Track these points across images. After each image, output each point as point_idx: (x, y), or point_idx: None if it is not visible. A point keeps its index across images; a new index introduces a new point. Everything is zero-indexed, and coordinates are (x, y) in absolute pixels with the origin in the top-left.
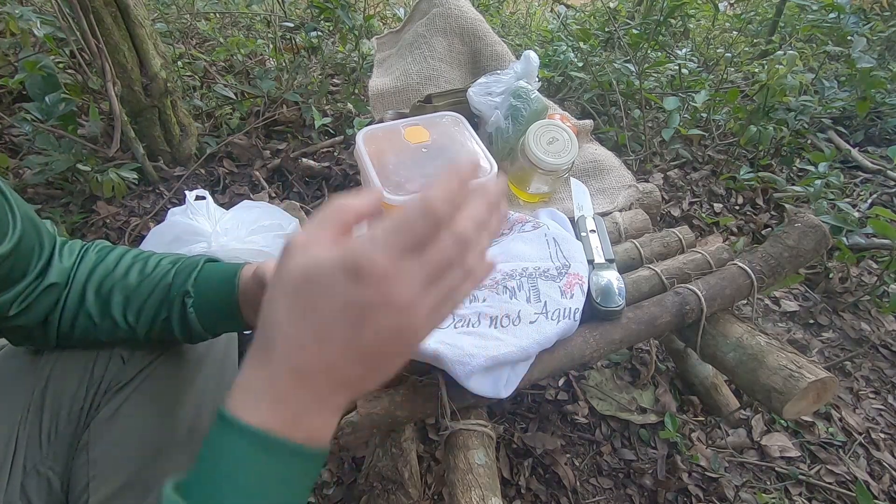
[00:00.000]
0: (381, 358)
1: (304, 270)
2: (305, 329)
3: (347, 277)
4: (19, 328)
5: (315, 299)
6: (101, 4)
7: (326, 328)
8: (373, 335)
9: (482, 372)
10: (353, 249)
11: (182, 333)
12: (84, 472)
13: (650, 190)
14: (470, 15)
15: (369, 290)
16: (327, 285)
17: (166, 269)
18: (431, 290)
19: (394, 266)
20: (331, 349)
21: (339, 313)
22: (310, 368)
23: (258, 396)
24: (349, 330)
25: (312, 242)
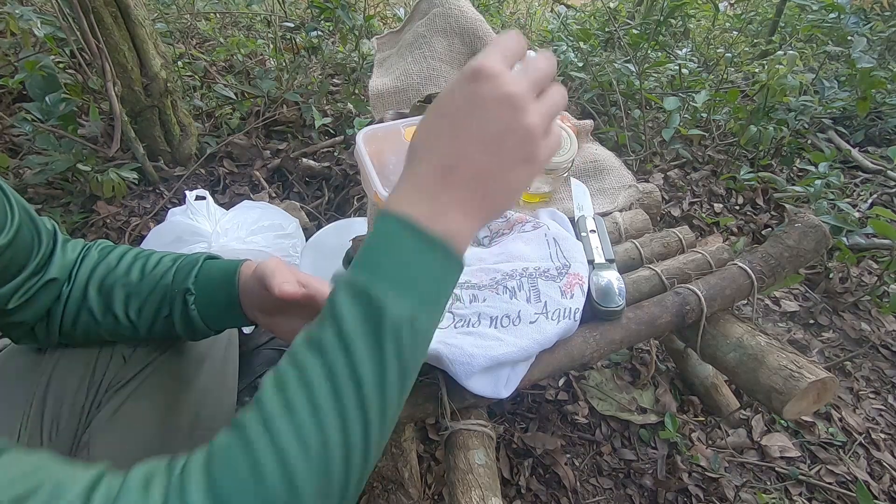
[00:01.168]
0: (506, 157)
1: (440, 94)
2: (442, 128)
3: (468, 79)
4: (21, 324)
5: (446, 104)
6: (102, 4)
7: (457, 123)
8: (496, 125)
9: (482, 372)
10: (469, 63)
11: (184, 330)
12: None
13: (650, 190)
14: (470, 15)
15: (487, 84)
16: (454, 91)
17: (167, 267)
18: (538, 97)
19: (502, 67)
20: (462, 142)
21: (465, 108)
22: (447, 161)
23: (408, 192)
24: (475, 120)
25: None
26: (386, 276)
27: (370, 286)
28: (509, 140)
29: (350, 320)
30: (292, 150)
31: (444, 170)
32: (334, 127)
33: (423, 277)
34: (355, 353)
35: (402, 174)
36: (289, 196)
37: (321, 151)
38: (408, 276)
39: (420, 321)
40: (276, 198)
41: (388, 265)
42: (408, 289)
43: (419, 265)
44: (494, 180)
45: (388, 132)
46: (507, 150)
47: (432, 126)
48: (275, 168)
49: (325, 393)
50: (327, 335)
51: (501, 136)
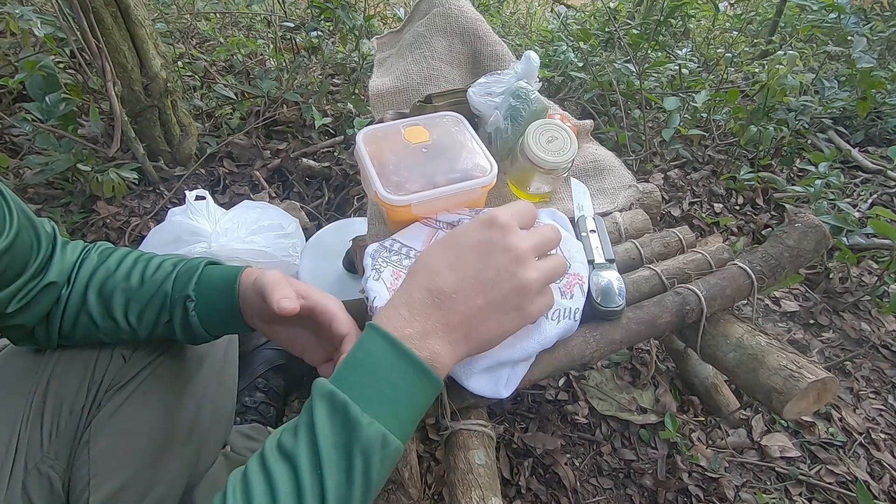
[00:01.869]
0: (498, 301)
1: (456, 228)
2: (444, 259)
3: (482, 224)
4: (20, 327)
5: (456, 240)
6: (102, 4)
7: (460, 258)
8: (494, 271)
9: (482, 372)
10: (489, 210)
11: (184, 335)
12: (85, 471)
13: (650, 190)
14: (470, 15)
15: (497, 233)
16: (467, 230)
17: (167, 273)
18: (540, 259)
19: (514, 225)
20: (461, 276)
21: (471, 248)
22: (442, 290)
23: (399, 312)
24: (477, 261)
25: None
26: (366, 395)
27: (349, 404)
28: (505, 287)
29: (325, 436)
30: (292, 150)
31: (439, 297)
32: (334, 127)
33: (401, 399)
34: (325, 471)
35: (399, 291)
36: (289, 196)
37: (321, 151)
38: (387, 398)
39: (391, 441)
40: (276, 198)
41: (370, 384)
42: (385, 410)
43: (400, 387)
44: (483, 320)
45: (388, 132)
46: (500, 296)
47: (438, 256)
48: (275, 168)
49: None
50: (301, 447)
51: (498, 282)
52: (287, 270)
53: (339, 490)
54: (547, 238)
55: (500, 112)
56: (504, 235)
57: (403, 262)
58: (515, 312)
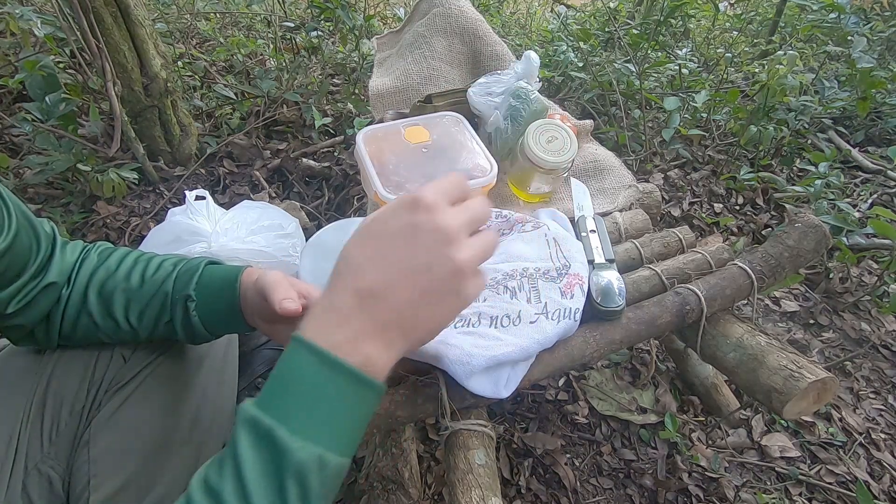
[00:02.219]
0: (433, 289)
1: (374, 215)
2: (368, 252)
3: (405, 207)
4: (20, 327)
5: (378, 228)
6: (102, 4)
7: (385, 249)
8: (425, 256)
9: (482, 372)
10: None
11: (185, 335)
12: (85, 471)
13: (650, 190)
14: (470, 15)
15: (422, 214)
16: (389, 215)
17: (168, 272)
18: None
19: (442, 203)
20: (388, 268)
21: (396, 234)
22: (370, 288)
23: (325, 318)
24: (404, 249)
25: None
26: (293, 417)
27: (274, 430)
28: (438, 272)
29: (251, 467)
30: (292, 150)
31: (365, 295)
32: (334, 127)
33: (334, 414)
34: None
35: (324, 294)
36: (289, 196)
37: (321, 151)
38: (315, 416)
39: (329, 459)
40: (276, 198)
41: (296, 404)
42: (319, 428)
43: (330, 401)
44: (420, 312)
45: (388, 132)
46: (434, 282)
47: (360, 248)
48: (275, 168)
49: None
50: (226, 482)
51: (430, 267)
52: (287, 270)
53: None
54: (477, 213)
55: (500, 112)
56: (431, 216)
57: None
58: (453, 298)
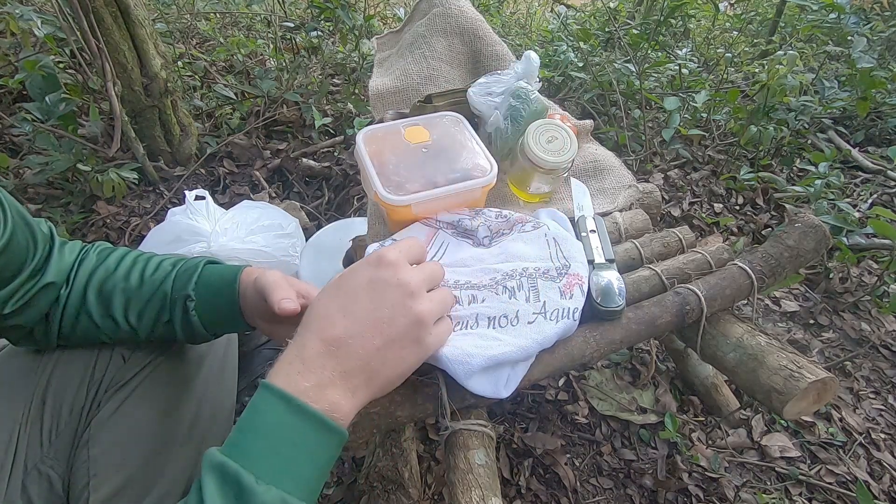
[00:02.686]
0: (396, 338)
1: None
2: (335, 304)
3: (370, 264)
4: (19, 327)
5: (346, 283)
6: (102, 4)
7: (351, 302)
8: (389, 309)
9: (482, 372)
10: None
11: (185, 334)
12: (85, 471)
13: (650, 190)
14: (470, 15)
15: (386, 271)
16: (356, 272)
17: (167, 272)
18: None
19: (404, 262)
20: (354, 319)
21: (361, 289)
22: (336, 337)
23: (292, 366)
24: (369, 301)
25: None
26: (261, 460)
27: (241, 474)
28: (401, 322)
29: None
30: (292, 150)
31: (332, 344)
32: (334, 127)
33: (301, 459)
34: None
35: (292, 343)
36: (289, 196)
37: (321, 151)
38: (285, 460)
39: (292, 501)
40: (276, 198)
41: (262, 449)
42: (284, 473)
43: (298, 446)
44: (383, 360)
45: (388, 132)
46: (397, 332)
47: (328, 300)
48: (275, 168)
49: None
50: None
51: (394, 318)
52: (287, 270)
53: None
54: (434, 273)
55: (500, 112)
56: (394, 272)
57: None
58: (415, 346)
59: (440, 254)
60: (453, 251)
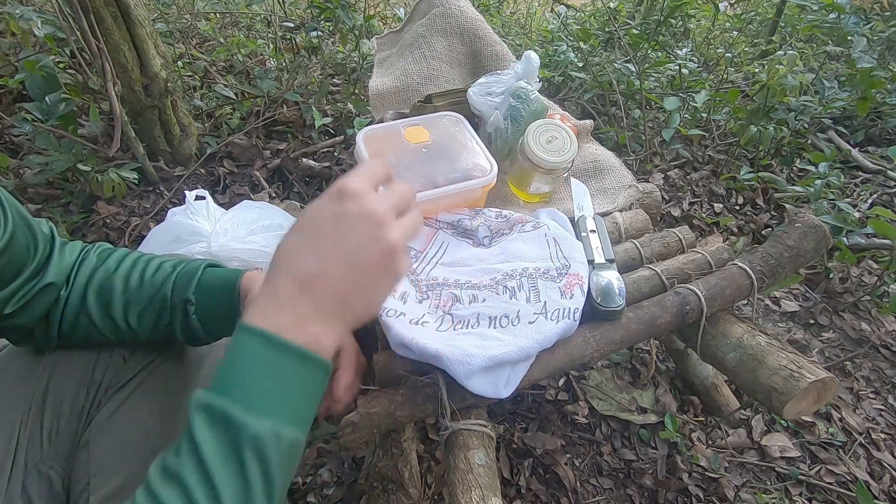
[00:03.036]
0: (367, 268)
1: (305, 209)
2: (302, 243)
3: (333, 198)
4: (19, 327)
5: (311, 220)
6: (102, 4)
7: (318, 238)
8: (356, 239)
9: (482, 372)
10: (337, 181)
11: (185, 337)
12: (85, 471)
13: (650, 190)
14: (470, 15)
15: (350, 202)
16: (319, 208)
17: (167, 275)
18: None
19: (367, 189)
20: (323, 254)
21: (327, 224)
22: (307, 274)
23: (266, 305)
24: (337, 235)
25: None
26: (244, 396)
27: (228, 409)
28: (371, 252)
29: (208, 444)
30: (292, 150)
31: (303, 282)
32: (334, 127)
33: (284, 391)
34: (215, 479)
35: (262, 287)
36: (289, 196)
37: (321, 151)
38: (267, 393)
39: (285, 433)
40: (276, 198)
41: (247, 384)
42: (268, 405)
43: (279, 379)
44: (355, 290)
45: (388, 132)
46: (367, 262)
47: (295, 239)
48: (275, 168)
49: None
50: (186, 465)
51: (363, 249)
52: None
53: (237, 497)
54: (403, 196)
55: (500, 112)
56: (359, 203)
57: None
58: (387, 275)
59: (440, 254)
60: (453, 251)
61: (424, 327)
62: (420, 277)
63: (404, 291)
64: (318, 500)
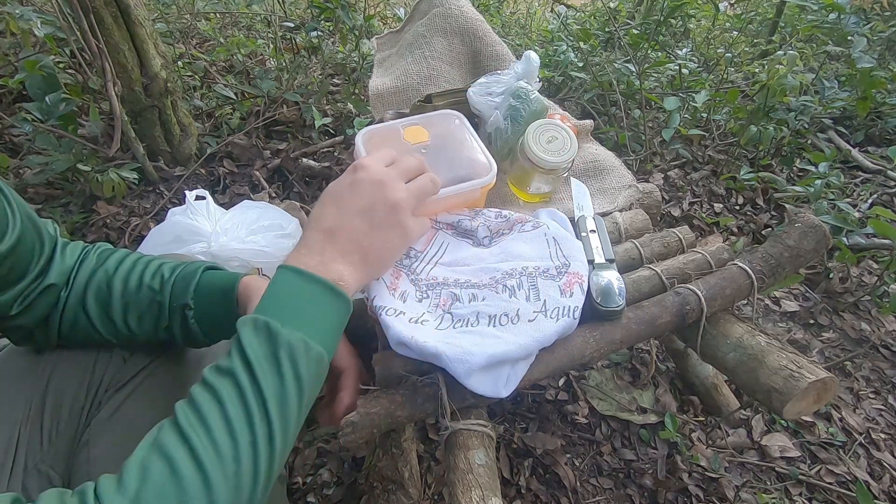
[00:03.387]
0: (378, 223)
1: (329, 186)
2: (327, 205)
3: (349, 172)
4: (21, 328)
5: (332, 189)
6: (102, 4)
7: (340, 200)
8: (367, 198)
9: (482, 370)
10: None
11: (184, 340)
12: (85, 471)
13: (650, 190)
14: (470, 15)
15: (362, 172)
16: (338, 181)
17: (165, 278)
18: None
19: (377, 163)
20: (342, 211)
21: (346, 189)
22: (330, 226)
23: (300, 252)
24: (351, 197)
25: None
26: (281, 312)
27: (270, 321)
28: (380, 209)
29: (252, 347)
30: (292, 150)
31: (328, 233)
32: (334, 127)
33: (316, 314)
34: (258, 372)
35: (298, 241)
36: (289, 196)
37: (321, 151)
38: (300, 311)
39: (312, 346)
40: (276, 198)
41: (283, 304)
42: (300, 320)
43: (310, 303)
44: (370, 241)
45: (388, 132)
46: (378, 218)
47: (321, 205)
48: (275, 168)
49: (236, 407)
50: (235, 363)
51: (372, 207)
52: None
53: (275, 391)
54: (410, 165)
55: (500, 112)
56: (368, 172)
57: (403, 262)
58: (398, 229)
59: (440, 253)
60: (453, 251)
61: (424, 326)
62: (420, 277)
63: (404, 291)
64: (318, 500)
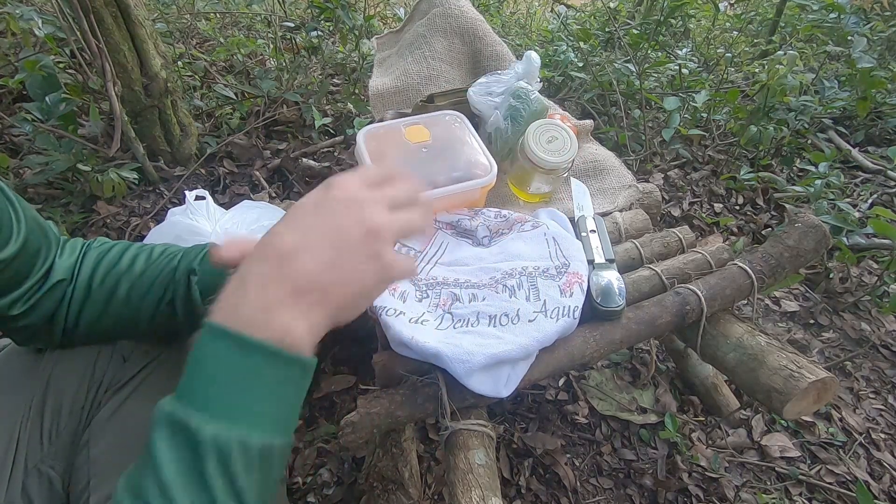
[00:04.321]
0: (348, 249)
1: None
2: (282, 224)
3: (319, 189)
4: (25, 328)
5: (294, 207)
6: (102, 4)
7: (300, 218)
8: (338, 218)
9: (482, 370)
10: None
11: (185, 313)
12: (85, 471)
13: (650, 190)
14: (470, 15)
15: (335, 190)
16: (305, 197)
17: (172, 254)
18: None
19: (356, 181)
20: (302, 231)
21: (310, 206)
22: (286, 251)
23: (233, 294)
24: (318, 216)
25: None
26: (205, 403)
27: (189, 420)
28: (352, 234)
29: (168, 465)
30: (292, 150)
31: (278, 260)
32: (334, 127)
33: (258, 394)
34: (177, 499)
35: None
36: (289, 196)
37: (321, 151)
38: (238, 398)
39: (252, 441)
40: (276, 198)
41: (215, 389)
42: (234, 412)
43: (252, 382)
44: (335, 273)
45: (388, 131)
46: (349, 243)
47: (279, 224)
48: (275, 168)
49: None
50: (148, 483)
51: (343, 229)
52: None
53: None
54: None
55: (500, 112)
56: (343, 190)
57: None
58: (373, 262)
59: (440, 253)
60: (453, 251)
61: (424, 326)
62: (420, 277)
63: (404, 290)
64: (318, 500)
